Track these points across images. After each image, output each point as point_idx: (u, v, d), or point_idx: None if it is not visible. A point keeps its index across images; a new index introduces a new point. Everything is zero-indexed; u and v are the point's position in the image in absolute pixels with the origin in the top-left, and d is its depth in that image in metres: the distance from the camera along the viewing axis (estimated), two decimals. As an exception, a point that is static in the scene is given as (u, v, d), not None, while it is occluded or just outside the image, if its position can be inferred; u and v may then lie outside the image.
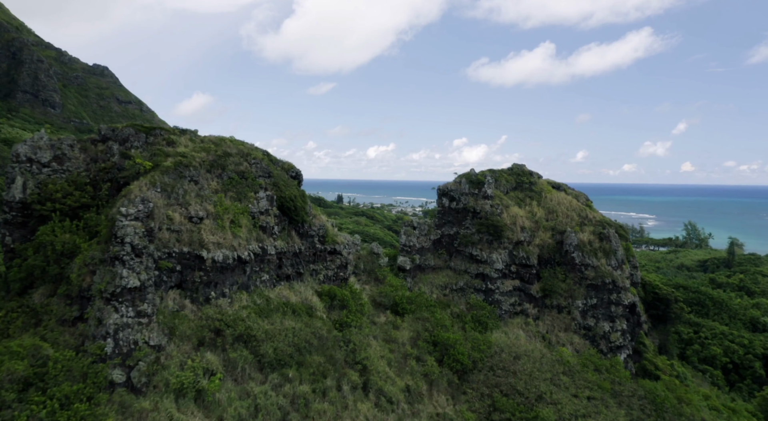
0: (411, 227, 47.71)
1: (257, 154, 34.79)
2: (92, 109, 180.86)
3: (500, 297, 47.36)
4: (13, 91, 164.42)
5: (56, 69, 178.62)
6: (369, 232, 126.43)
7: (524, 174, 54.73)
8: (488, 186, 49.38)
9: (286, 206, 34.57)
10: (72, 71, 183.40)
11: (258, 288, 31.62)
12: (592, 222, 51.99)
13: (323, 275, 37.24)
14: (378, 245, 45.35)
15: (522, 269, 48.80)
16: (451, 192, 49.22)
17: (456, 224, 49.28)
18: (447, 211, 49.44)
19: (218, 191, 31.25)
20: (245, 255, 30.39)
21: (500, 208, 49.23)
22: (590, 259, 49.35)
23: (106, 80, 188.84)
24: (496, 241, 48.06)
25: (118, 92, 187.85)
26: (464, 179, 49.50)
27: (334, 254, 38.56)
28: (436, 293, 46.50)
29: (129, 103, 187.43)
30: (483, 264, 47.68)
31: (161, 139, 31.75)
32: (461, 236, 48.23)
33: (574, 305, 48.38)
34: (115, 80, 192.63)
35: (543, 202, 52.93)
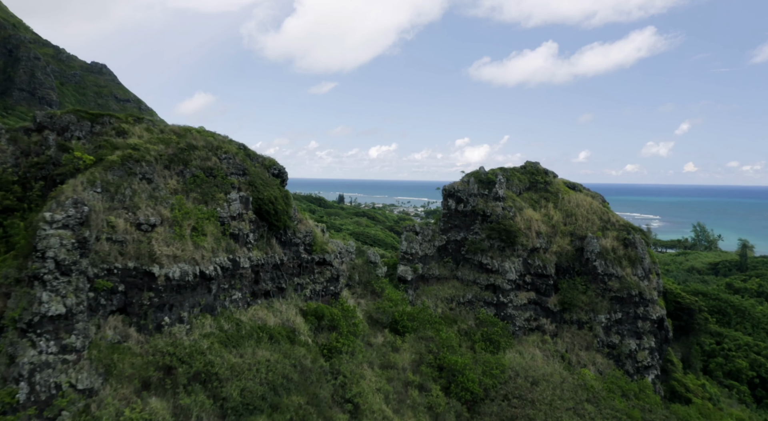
0: (413, 232, 41.58)
1: (230, 147, 28.71)
2: (90, 107, 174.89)
3: (514, 311, 41.20)
4: (9, 88, 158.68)
5: (54, 67, 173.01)
6: (370, 233, 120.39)
7: (539, 173, 48.53)
8: (500, 186, 43.22)
9: (264, 210, 28.53)
10: (70, 69, 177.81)
11: (227, 310, 25.58)
12: (615, 226, 45.79)
13: (310, 290, 31.20)
14: (375, 253, 39.22)
15: (538, 279, 42.63)
16: (459, 193, 43.07)
17: (463, 228, 43.12)
18: (453, 214, 43.30)
19: (178, 192, 25.20)
20: (210, 270, 24.36)
21: (513, 211, 43.09)
22: (614, 268, 43.16)
23: (104, 78, 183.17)
24: (509, 248, 41.91)
25: (117, 90, 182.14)
26: (473, 179, 43.34)
27: (323, 264, 32.51)
28: (441, 307, 40.38)
29: (127, 102, 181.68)
30: (494, 274, 41.54)
31: (110, 129, 25.72)
32: (469, 242, 42.11)
33: (597, 320, 42.20)
34: (114, 78, 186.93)
35: (560, 204, 46.76)
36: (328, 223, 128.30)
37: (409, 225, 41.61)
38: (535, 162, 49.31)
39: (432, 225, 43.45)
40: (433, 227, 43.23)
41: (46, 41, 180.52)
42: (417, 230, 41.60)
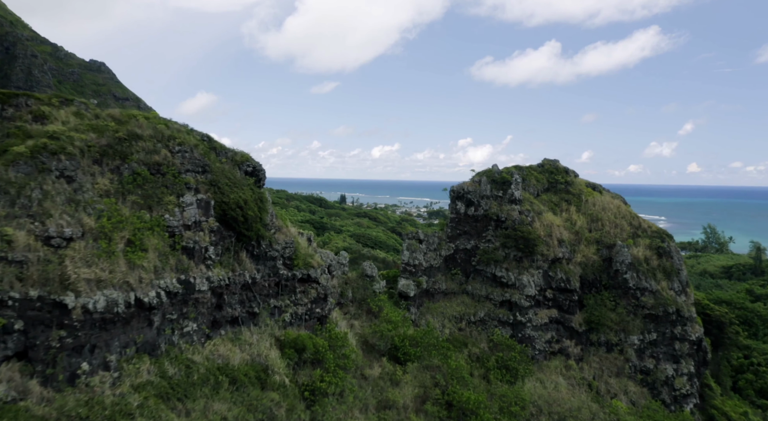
0: (416, 239, 35.23)
1: (187, 138, 22.44)
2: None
3: (533, 332, 34.85)
4: (5, 86, 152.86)
5: (51, 64, 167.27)
6: (371, 235, 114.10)
7: (558, 172, 42.09)
8: (516, 187, 36.88)
9: (230, 216, 22.33)
10: (68, 67, 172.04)
11: (175, 347, 19.40)
12: (648, 233, 39.39)
13: (290, 314, 24.97)
14: (371, 265, 32.88)
15: (560, 294, 36.27)
16: (468, 195, 36.69)
17: (474, 235, 36.79)
18: (462, 218, 36.94)
19: (110, 194, 19.03)
20: (150, 296, 18.18)
21: (531, 216, 36.75)
22: (648, 281, 36.77)
23: (103, 76, 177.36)
24: (527, 258, 35.59)
25: (116, 89, 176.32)
26: (484, 179, 36.98)
27: (308, 281, 26.27)
28: (449, 328, 34.08)
29: (126, 100, 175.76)
30: (510, 289, 35.22)
31: (26, 112, 19.56)
32: (481, 252, 35.80)
33: (628, 341, 35.83)
34: (113, 76, 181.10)
35: (584, 207, 40.37)
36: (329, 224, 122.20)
37: (412, 232, 35.26)
38: (554, 160, 42.90)
39: (438, 231, 37.09)
40: (439, 233, 36.86)
41: (44, 39, 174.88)
42: (421, 238, 35.26)
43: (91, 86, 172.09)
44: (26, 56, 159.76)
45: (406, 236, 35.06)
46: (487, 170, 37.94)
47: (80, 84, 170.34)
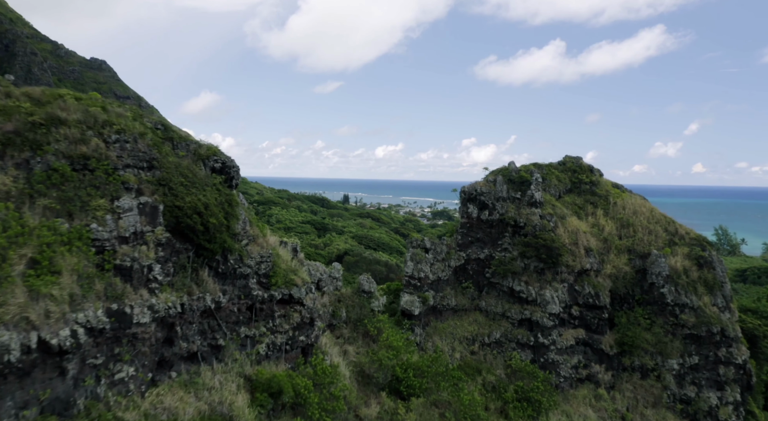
0: (421, 248, 29.95)
1: (131, 125, 17.27)
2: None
3: (557, 356, 29.58)
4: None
5: (51, 62, 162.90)
6: (373, 236, 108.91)
7: (582, 170, 36.72)
8: (536, 187, 31.61)
9: (186, 224, 17.21)
10: (68, 65, 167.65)
11: (100, 402, 14.33)
12: (686, 240, 34.03)
13: (267, 345, 19.84)
14: (369, 279, 27.60)
15: (588, 312, 30.98)
16: (482, 196, 31.39)
17: (488, 243, 31.52)
18: (475, 224, 31.66)
19: (12, 197, 13.98)
20: (62, 337, 13.10)
21: (554, 221, 31.47)
22: (687, 296, 31.42)
23: (103, 75, 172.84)
24: (550, 270, 30.34)
25: (117, 87, 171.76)
26: (500, 178, 31.66)
27: (290, 303, 21.13)
28: (459, 351, 28.84)
29: (127, 99, 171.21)
30: (530, 305, 29.98)
31: None
32: (496, 262, 30.56)
33: (666, 365, 30.51)
34: (113, 74, 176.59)
35: (612, 210, 35.04)
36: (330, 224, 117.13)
37: (416, 239, 29.92)
38: (577, 157, 37.53)
39: (446, 238, 31.78)
40: (448, 240, 31.55)
41: (44, 36, 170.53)
42: (427, 246, 29.98)
43: (92, 84, 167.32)
44: (26, 54, 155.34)
45: (409, 243, 29.77)
46: (503, 169, 32.65)
47: (80, 82, 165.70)
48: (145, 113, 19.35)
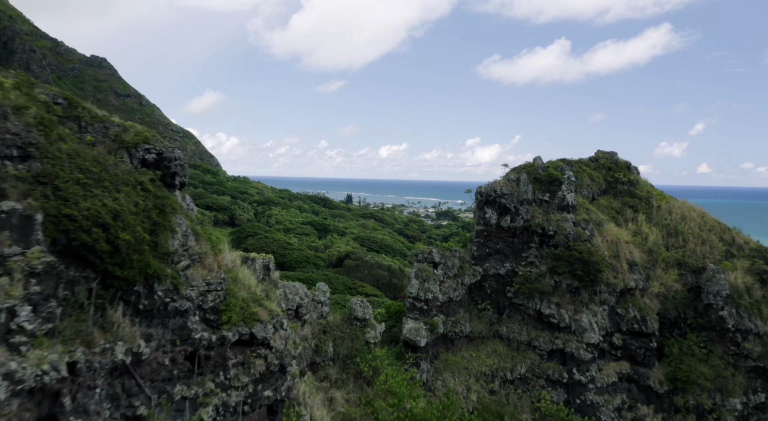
0: (429, 262, 23.87)
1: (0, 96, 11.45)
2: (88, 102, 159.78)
3: (597, 397, 23.55)
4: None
5: (51, 60, 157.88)
6: (376, 238, 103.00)
7: (618, 168, 30.55)
8: (568, 188, 25.56)
9: (82, 242, 11.39)
10: (68, 62, 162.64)
11: None
12: (745, 252, 27.89)
13: (216, 408, 13.96)
14: (363, 303, 21.48)
15: (632, 340, 24.92)
16: (503, 198, 25.32)
17: (510, 255, 25.48)
18: (494, 232, 25.60)
19: None
20: None
21: (590, 228, 25.45)
22: (752, 320, 25.28)
23: (103, 72, 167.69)
24: (587, 289, 24.33)
25: (117, 85, 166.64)
26: (524, 176, 25.60)
27: (250, 346, 15.25)
28: (476, 391, 22.85)
29: (128, 97, 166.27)
30: (563, 333, 24.00)
31: None
32: (521, 279, 24.58)
33: (728, 405, 24.42)
34: (114, 72, 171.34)
35: (656, 216, 28.94)
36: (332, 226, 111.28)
37: (423, 252, 23.79)
38: (611, 152, 31.35)
39: (458, 249, 25.68)
40: (461, 252, 25.44)
41: (43, 34, 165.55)
42: (435, 259, 23.91)
43: (92, 82, 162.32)
44: (24, 51, 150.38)
45: (414, 257, 23.68)
46: (527, 165, 26.54)
47: (80, 80, 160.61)
48: (38, 83, 13.44)
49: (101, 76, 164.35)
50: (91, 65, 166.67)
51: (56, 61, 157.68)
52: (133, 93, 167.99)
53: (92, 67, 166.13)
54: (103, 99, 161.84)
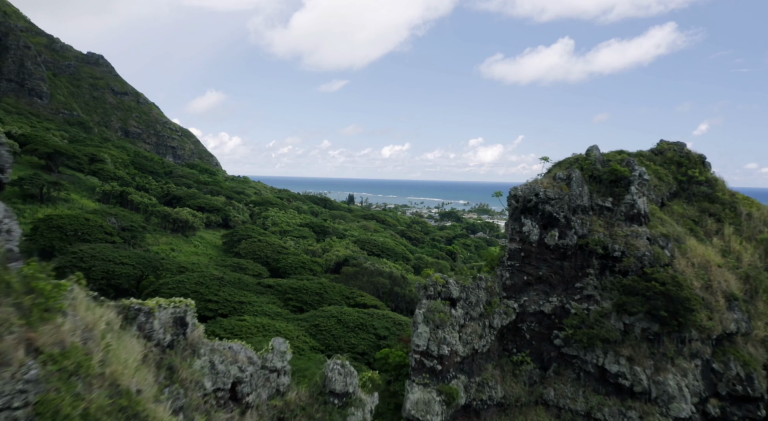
0: (445, 298, 15.99)
1: None
2: (84, 100, 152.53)
3: None
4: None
5: (46, 56, 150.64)
6: (377, 240, 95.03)
7: (691, 163, 22.35)
8: (639, 190, 17.65)
9: None
10: (64, 59, 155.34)
11: None
12: None
13: None
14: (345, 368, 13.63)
15: (735, 408, 17.12)
16: (548, 204, 17.39)
17: (559, 285, 17.59)
18: (534, 251, 17.69)
19: None
20: None
21: (670, 247, 17.64)
22: None
23: (100, 70, 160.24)
24: (671, 336, 16.57)
25: (114, 83, 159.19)
26: (577, 173, 17.64)
27: None
28: (514, 494, 15.15)
29: (125, 95, 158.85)
30: (638, 401, 16.19)
31: None
32: (574, 320, 16.75)
33: None
34: (111, 70, 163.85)
35: (747, 227, 21.02)
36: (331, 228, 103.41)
37: (435, 283, 15.75)
38: (678, 142, 23.24)
39: (484, 275, 17.74)
40: (488, 280, 17.51)
41: (39, 30, 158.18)
42: (453, 294, 15.95)
43: (89, 80, 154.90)
44: (18, 47, 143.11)
45: (422, 291, 15.75)
46: (580, 159, 18.59)
47: (76, 77, 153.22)
48: None
49: (98, 74, 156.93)
50: (88, 62, 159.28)
51: (52, 59, 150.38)
52: (131, 91, 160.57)
53: (89, 64, 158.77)
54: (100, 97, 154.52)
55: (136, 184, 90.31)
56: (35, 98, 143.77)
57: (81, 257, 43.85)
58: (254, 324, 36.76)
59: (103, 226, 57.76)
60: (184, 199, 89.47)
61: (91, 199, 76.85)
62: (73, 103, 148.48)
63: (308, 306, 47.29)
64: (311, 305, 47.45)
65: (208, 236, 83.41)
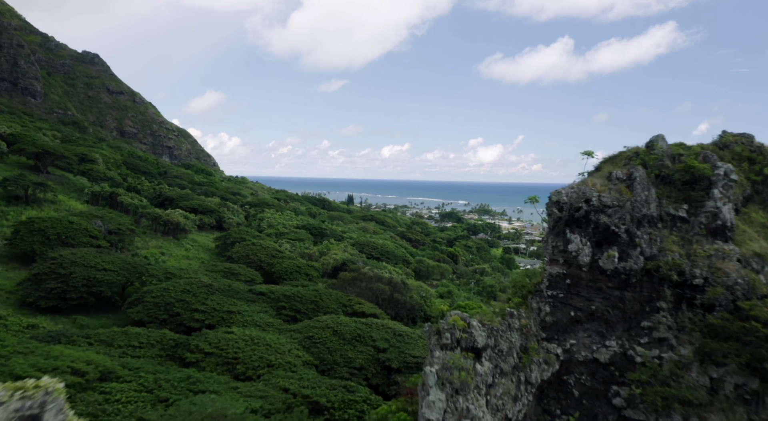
0: (467, 348, 11.30)
1: None
2: (79, 99, 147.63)
3: None
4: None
5: (40, 55, 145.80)
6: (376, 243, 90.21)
7: (766, 158, 17.82)
8: (723, 194, 13.09)
9: None
10: (58, 58, 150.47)
11: None
12: None
13: None
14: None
15: None
16: (603, 214, 12.70)
17: (619, 323, 12.92)
18: (585, 278, 13.00)
19: None
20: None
21: (766, 270, 13.06)
22: None
23: (95, 69, 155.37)
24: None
25: (109, 82, 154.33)
26: (641, 172, 12.97)
27: None
28: None
29: (121, 94, 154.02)
30: (737, 490, 11.67)
31: None
32: (643, 373, 12.12)
33: None
34: (106, 69, 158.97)
35: None
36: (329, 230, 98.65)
37: (451, 327, 11.09)
38: (746, 134, 18.39)
39: (516, 311, 13.02)
40: (521, 314, 12.85)
41: (33, 28, 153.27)
42: (478, 341, 11.10)
43: (83, 79, 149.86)
44: (12, 46, 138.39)
45: (433, 337, 11.01)
46: (640, 152, 13.81)
47: (71, 76, 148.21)
48: None
49: (93, 73, 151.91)
50: (83, 61, 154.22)
51: (46, 57, 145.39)
52: (127, 90, 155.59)
53: (84, 63, 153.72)
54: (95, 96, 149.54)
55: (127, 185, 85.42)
56: (29, 97, 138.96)
57: (60, 262, 39.33)
58: (242, 337, 32.12)
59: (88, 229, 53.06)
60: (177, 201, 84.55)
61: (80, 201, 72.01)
62: (68, 103, 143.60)
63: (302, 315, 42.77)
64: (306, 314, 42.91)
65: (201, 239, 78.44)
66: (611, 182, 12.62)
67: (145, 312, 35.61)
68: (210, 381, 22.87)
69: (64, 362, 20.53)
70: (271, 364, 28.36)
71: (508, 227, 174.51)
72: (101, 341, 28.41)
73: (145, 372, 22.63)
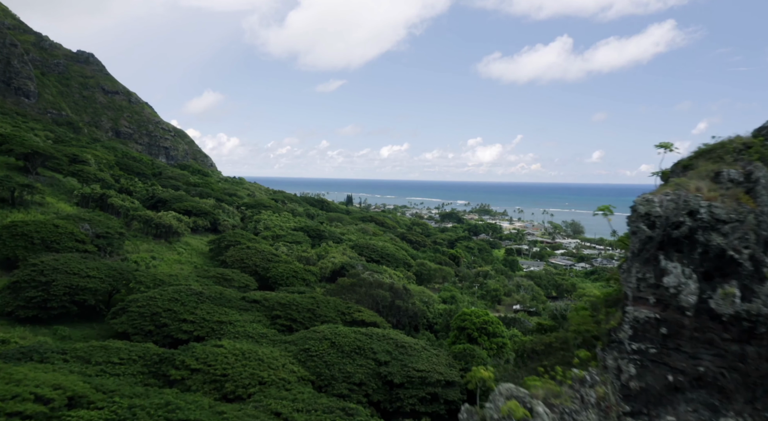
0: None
1: None
2: (74, 99, 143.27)
3: None
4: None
5: (34, 55, 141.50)
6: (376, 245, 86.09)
7: None
8: None
9: None
10: (52, 58, 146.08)
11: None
12: None
13: None
14: None
15: None
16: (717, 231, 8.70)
17: (737, 391, 9.14)
18: (688, 327, 9.07)
19: None
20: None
21: None
22: None
23: (90, 68, 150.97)
24: None
25: (104, 82, 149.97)
26: (765, 175, 9.14)
27: None
28: None
29: (116, 94, 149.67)
30: None
31: None
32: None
33: None
34: (102, 68, 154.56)
35: None
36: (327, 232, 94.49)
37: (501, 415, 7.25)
38: None
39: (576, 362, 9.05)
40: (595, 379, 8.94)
41: (27, 28, 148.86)
42: None
43: (78, 79, 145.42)
44: (5, 45, 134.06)
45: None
46: (750, 144, 9.89)
47: (66, 76, 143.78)
48: None
49: (88, 73, 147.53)
50: (78, 61, 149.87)
51: (40, 57, 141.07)
52: (122, 90, 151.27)
53: (79, 62, 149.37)
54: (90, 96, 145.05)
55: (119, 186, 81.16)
56: (22, 97, 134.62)
57: (41, 269, 35.49)
58: (232, 351, 28.06)
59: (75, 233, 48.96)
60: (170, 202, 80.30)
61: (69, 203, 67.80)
62: (62, 103, 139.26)
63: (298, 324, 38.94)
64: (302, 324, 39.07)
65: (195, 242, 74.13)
66: (721, 186, 8.58)
67: (129, 323, 31.96)
68: (192, 408, 19.05)
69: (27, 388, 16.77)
70: (264, 381, 24.96)
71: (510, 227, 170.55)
72: (78, 356, 24.73)
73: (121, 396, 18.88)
